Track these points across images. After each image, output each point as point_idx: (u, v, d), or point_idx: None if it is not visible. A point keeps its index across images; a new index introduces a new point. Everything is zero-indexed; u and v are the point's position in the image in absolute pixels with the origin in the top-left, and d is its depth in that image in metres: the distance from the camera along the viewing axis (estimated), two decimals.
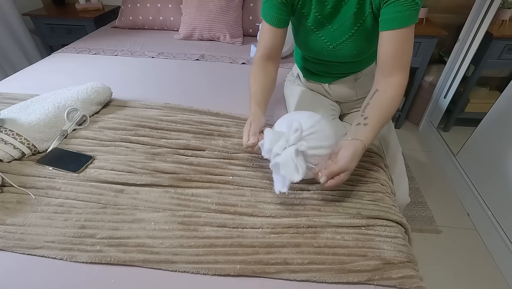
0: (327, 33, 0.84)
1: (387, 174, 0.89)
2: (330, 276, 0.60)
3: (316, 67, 0.99)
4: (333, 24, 0.82)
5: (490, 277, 1.23)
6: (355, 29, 0.80)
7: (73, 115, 0.97)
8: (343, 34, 0.82)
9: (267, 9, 0.81)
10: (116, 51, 1.59)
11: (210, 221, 0.70)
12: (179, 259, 0.62)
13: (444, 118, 1.90)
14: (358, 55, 0.87)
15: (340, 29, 0.82)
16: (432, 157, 1.88)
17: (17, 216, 0.70)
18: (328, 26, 0.83)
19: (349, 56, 0.87)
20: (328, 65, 0.94)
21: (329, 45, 0.85)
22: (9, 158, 0.83)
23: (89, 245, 0.64)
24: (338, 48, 0.85)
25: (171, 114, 1.06)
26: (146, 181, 0.79)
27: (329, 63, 0.93)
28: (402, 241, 0.68)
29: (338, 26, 0.82)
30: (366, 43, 0.83)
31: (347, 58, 0.88)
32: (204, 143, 0.93)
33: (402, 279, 0.60)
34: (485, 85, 1.91)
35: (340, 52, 0.86)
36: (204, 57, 1.55)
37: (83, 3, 2.08)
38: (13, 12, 1.96)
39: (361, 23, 0.79)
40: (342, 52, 0.86)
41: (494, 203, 1.34)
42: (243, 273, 0.60)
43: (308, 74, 1.04)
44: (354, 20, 0.78)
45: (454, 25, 1.91)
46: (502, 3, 1.51)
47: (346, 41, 0.83)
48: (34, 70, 1.41)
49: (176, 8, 1.82)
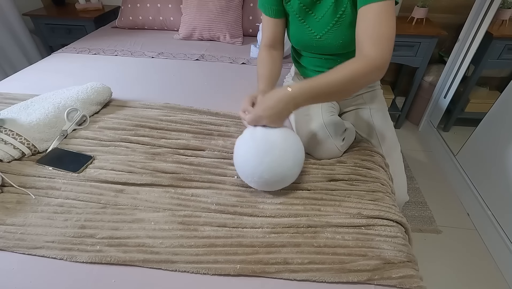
0: (312, 23, 0.86)
1: (388, 173, 0.89)
2: (330, 276, 0.60)
3: (310, 62, 0.99)
4: (317, 13, 0.84)
5: (490, 277, 1.23)
6: (337, 17, 0.81)
7: (73, 116, 0.97)
8: (327, 23, 0.84)
9: (262, 1, 0.88)
10: (116, 51, 1.59)
11: (210, 221, 0.70)
12: (179, 259, 0.62)
13: (444, 118, 1.90)
14: (344, 45, 0.86)
15: (324, 19, 0.83)
16: (432, 157, 1.88)
17: (17, 216, 0.70)
18: (313, 16, 0.85)
19: (335, 46, 0.87)
20: (321, 60, 0.95)
21: (316, 35, 0.87)
22: (9, 158, 0.83)
23: (89, 245, 0.64)
24: (324, 38, 0.86)
25: (171, 114, 1.06)
26: (146, 181, 0.79)
27: (322, 57, 0.94)
28: (402, 241, 0.68)
29: (321, 15, 0.83)
30: (350, 32, 0.82)
31: (334, 49, 0.88)
32: (204, 143, 0.93)
33: (402, 279, 0.60)
34: (485, 85, 1.91)
35: (326, 42, 0.87)
36: (204, 57, 1.55)
37: (83, 3, 2.08)
38: (13, 12, 1.96)
39: (343, 11, 0.80)
40: (328, 42, 0.87)
41: (494, 202, 1.34)
42: (243, 272, 0.60)
43: (305, 72, 1.04)
44: (335, 8, 0.80)
45: (454, 25, 1.91)
46: (502, 3, 1.51)
47: (331, 31, 0.84)
48: (34, 70, 1.41)
49: (176, 8, 1.82)
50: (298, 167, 0.75)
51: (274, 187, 0.76)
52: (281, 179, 0.73)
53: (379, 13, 0.68)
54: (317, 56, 0.94)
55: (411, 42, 1.70)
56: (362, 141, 0.97)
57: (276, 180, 0.73)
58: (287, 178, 0.74)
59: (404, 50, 1.73)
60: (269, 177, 0.71)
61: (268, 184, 0.73)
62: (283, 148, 0.71)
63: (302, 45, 0.93)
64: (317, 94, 0.68)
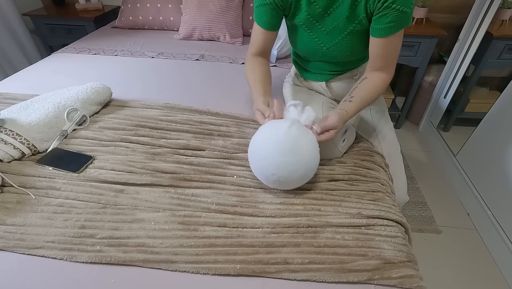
0: (320, 34, 0.86)
1: (388, 173, 0.89)
2: (330, 276, 0.60)
3: (311, 65, 1.00)
4: (325, 26, 0.84)
5: (490, 276, 1.23)
6: (348, 31, 0.82)
7: (73, 116, 0.97)
8: (336, 36, 0.85)
9: (259, 14, 0.86)
10: (116, 51, 1.59)
11: (210, 221, 0.70)
12: (179, 259, 0.62)
13: (444, 118, 1.90)
14: (351, 55, 0.90)
15: (334, 31, 0.84)
16: (432, 157, 1.88)
17: (17, 216, 0.70)
18: (321, 28, 0.85)
19: (342, 56, 0.89)
20: (323, 64, 0.96)
21: (323, 46, 0.88)
22: (9, 158, 0.83)
23: (89, 245, 0.64)
24: (332, 49, 0.88)
25: (171, 114, 1.06)
26: (146, 181, 0.79)
27: (324, 62, 0.95)
28: (402, 241, 0.68)
29: (331, 28, 0.84)
30: (360, 45, 0.86)
31: (340, 58, 0.91)
32: (204, 143, 0.93)
33: (402, 279, 0.60)
34: (485, 85, 1.91)
35: (333, 53, 0.89)
36: (204, 57, 1.55)
37: (83, 3, 2.08)
38: (13, 12, 1.96)
39: (354, 27, 0.81)
40: (335, 53, 0.89)
41: (494, 202, 1.34)
42: (243, 272, 0.60)
43: (305, 73, 1.05)
44: (347, 23, 0.81)
45: (454, 25, 1.91)
46: (502, 3, 1.51)
47: (341, 43, 0.85)
48: (34, 70, 1.41)
49: (176, 8, 1.82)
50: (311, 173, 0.76)
51: (283, 185, 0.76)
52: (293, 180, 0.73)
53: (393, 42, 0.78)
54: (322, 61, 0.96)
55: (411, 42, 1.70)
56: (362, 141, 0.97)
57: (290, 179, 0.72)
58: (297, 181, 0.75)
59: (404, 50, 1.72)
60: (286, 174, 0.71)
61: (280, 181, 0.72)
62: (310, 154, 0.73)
63: (308, 53, 0.95)
64: (359, 110, 0.82)
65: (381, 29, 0.76)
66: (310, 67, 1.01)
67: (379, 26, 0.76)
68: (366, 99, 0.83)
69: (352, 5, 0.77)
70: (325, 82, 1.02)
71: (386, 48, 0.79)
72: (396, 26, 0.74)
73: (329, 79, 1.01)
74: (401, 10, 0.71)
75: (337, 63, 0.95)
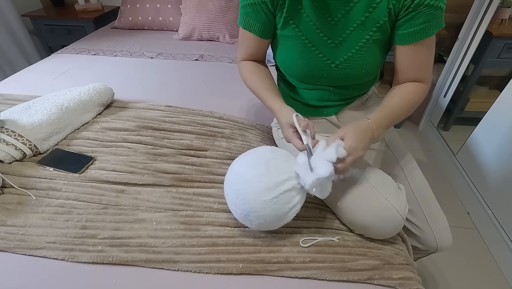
0: (326, 48, 0.67)
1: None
2: (331, 274, 0.60)
3: (314, 96, 0.77)
4: (333, 37, 0.66)
5: (491, 276, 1.23)
6: (363, 42, 0.65)
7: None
8: (349, 48, 0.66)
9: (246, 16, 0.69)
10: (115, 52, 1.59)
11: (212, 220, 0.70)
12: (181, 259, 0.62)
13: (444, 117, 1.90)
14: (367, 74, 0.70)
15: (346, 42, 0.66)
16: (432, 156, 1.88)
17: (18, 217, 0.70)
18: (327, 40, 0.66)
19: (355, 76, 0.69)
20: (327, 91, 0.76)
21: (330, 64, 0.68)
22: (10, 159, 0.83)
23: (91, 245, 0.64)
24: (343, 66, 0.68)
25: (174, 115, 1.05)
26: (148, 181, 0.79)
27: (330, 88, 0.75)
28: (401, 247, 0.69)
29: (340, 39, 0.66)
30: (378, 60, 0.68)
31: (352, 79, 0.70)
32: (207, 144, 0.92)
33: (401, 280, 0.60)
34: (485, 84, 1.91)
35: (344, 72, 0.69)
36: (203, 58, 1.55)
37: (83, 4, 2.08)
38: (12, 13, 1.96)
39: (371, 35, 0.64)
40: (347, 72, 0.69)
41: (494, 202, 1.34)
42: (245, 271, 0.61)
43: (306, 110, 0.81)
44: (364, 27, 0.63)
45: (453, 24, 1.91)
46: (501, 2, 1.51)
47: (353, 58, 0.67)
48: (33, 71, 1.41)
49: (175, 9, 1.82)
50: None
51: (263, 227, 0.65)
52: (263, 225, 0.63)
53: (429, 47, 0.64)
54: (323, 88, 0.75)
55: None
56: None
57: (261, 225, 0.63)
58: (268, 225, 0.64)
59: None
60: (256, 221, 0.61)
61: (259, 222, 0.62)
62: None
63: (308, 77, 0.72)
64: (391, 121, 0.64)
65: (413, 33, 0.60)
66: (313, 99, 0.78)
67: (409, 30, 0.61)
68: (400, 107, 0.64)
69: (369, 7, 0.61)
70: (335, 115, 0.80)
71: (420, 56, 0.63)
72: (431, 26, 0.59)
73: (339, 110, 0.79)
74: (436, 6, 0.57)
75: (347, 86, 0.74)
